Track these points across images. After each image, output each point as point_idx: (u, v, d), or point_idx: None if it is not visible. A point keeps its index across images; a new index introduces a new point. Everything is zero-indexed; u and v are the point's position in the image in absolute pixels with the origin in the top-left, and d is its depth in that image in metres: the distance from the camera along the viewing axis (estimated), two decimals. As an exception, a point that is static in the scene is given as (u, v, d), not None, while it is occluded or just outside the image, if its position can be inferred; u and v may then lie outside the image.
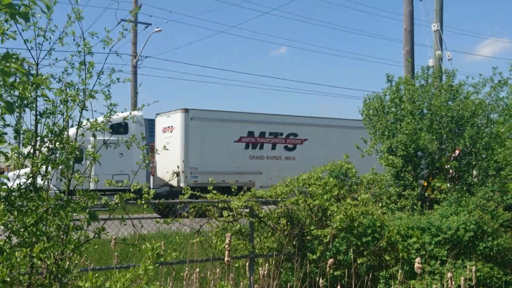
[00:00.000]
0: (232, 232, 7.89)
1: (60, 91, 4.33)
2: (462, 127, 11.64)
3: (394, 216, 9.37)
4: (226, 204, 8.10)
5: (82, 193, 4.27)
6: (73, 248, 4.12)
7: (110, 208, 4.56)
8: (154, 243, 3.93)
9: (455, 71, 12.38)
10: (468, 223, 8.34)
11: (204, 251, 8.20)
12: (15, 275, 3.51)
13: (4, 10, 2.55)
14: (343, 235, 7.95)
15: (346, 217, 7.82)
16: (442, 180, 11.18)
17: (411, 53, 16.27)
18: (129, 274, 3.50)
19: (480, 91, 12.28)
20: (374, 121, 12.18)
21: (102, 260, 9.90)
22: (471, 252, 8.29)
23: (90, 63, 4.46)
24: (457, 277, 7.54)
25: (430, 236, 8.30)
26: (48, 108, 4.28)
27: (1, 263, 3.36)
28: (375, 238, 8.07)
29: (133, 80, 32.59)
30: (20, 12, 2.65)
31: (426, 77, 12.67)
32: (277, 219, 8.20)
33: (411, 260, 7.78)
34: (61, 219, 3.98)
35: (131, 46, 33.65)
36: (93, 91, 4.48)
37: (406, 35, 16.42)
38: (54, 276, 4.04)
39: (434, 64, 15.71)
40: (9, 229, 3.57)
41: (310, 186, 8.27)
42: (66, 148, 4.24)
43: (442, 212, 9.09)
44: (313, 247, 7.94)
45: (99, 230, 4.31)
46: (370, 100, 12.57)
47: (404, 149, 11.31)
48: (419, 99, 11.94)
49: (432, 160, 11.68)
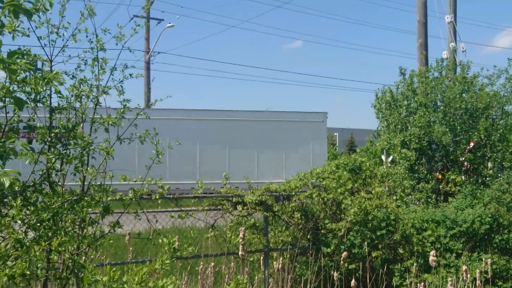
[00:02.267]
0: (246, 226, 7.91)
1: (73, 87, 4.37)
2: (476, 119, 11.56)
3: (408, 209, 9.34)
4: (240, 199, 8.11)
5: (97, 188, 4.31)
6: (89, 243, 4.16)
7: (125, 203, 4.59)
8: (171, 238, 3.95)
9: (470, 63, 12.29)
10: (484, 215, 8.28)
11: (219, 245, 8.23)
12: (33, 269, 3.55)
13: (7, 8, 2.58)
14: (357, 229, 7.93)
15: (360, 210, 7.80)
16: (456, 172, 11.12)
17: (425, 45, 16.14)
18: (146, 268, 3.52)
19: (495, 83, 12.19)
20: (386, 115, 12.13)
21: (117, 255, 9.98)
22: (487, 245, 8.23)
23: (103, 59, 4.49)
24: (472, 270, 7.49)
25: (445, 229, 8.26)
26: (61, 104, 4.32)
27: (20, 257, 3.41)
28: (390, 231, 8.05)
29: (146, 76, 32.72)
30: (24, 9, 2.68)
31: (441, 69, 12.59)
32: (291, 213, 8.20)
33: (426, 253, 7.75)
34: (76, 214, 4.02)
35: (144, 42, 33.78)
36: (106, 87, 4.52)
37: (420, 27, 16.28)
38: (71, 271, 4.08)
39: (448, 56, 15.58)
40: (25, 224, 3.61)
41: (324, 180, 8.26)
42: (79, 143, 4.27)
43: (457, 205, 9.04)
44: (327, 240, 7.93)
45: (114, 224, 4.34)
46: (381, 93, 12.52)
47: (417, 142, 11.26)
48: (432, 92, 11.86)
49: (446, 152, 11.61)
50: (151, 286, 3.23)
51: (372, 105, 12.72)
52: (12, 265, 3.34)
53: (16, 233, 3.46)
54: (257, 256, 8.29)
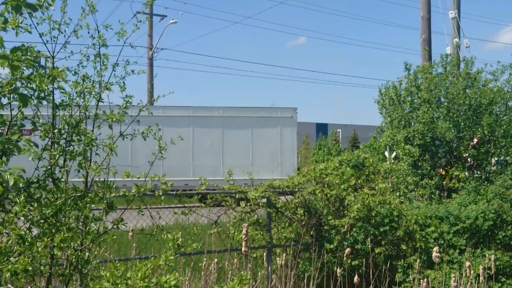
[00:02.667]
0: (249, 222, 7.91)
1: (76, 84, 4.37)
2: (480, 115, 11.52)
3: (412, 206, 9.33)
4: (243, 195, 8.11)
5: (100, 184, 4.31)
6: (92, 239, 4.16)
7: (128, 199, 4.60)
8: (175, 234, 3.95)
9: (474, 59, 12.25)
10: (487, 212, 8.27)
11: (222, 241, 8.24)
12: (36, 265, 3.56)
13: (10, 3, 2.58)
14: (360, 225, 7.93)
15: (364, 206, 7.80)
16: (460, 168, 11.10)
17: (428, 41, 16.11)
18: (149, 264, 3.53)
19: (499, 79, 12.15)
20: (390, 111, 12.11)
21: (121, 251, 10.00)
22: (490, 241, 8.22)
23: (104, 55, 4.48)
24: (475, 266, 7.49)
25: (448, 225, 8.25)
26: (64, 100, 4.32)
27: (23, 253, 3.42)
28: (393, 227, 8.04)
29: (149, 72, 32.72)
30: (27, 3, 2.68)
31: (445, 65, 12.56)
32: (294, 209, 8.20)
33: (429, 250, 7.75)
34: (79, 210, 4.03)
35: (147, 38, 33.78)
36: (108, 83, 4.51)
37: (423, 23, 16.25)
38: (74, 267, 4.09)
39: (451, 52, 15.54)
40: (29, 220, 3.62)
41: (327, 176, 8.25)
42: (83, 139, 4.28)
43: (461, 201, 9.02)
44: (330, 237, 7.93)
45: (118, 221, 4.34)
46: (385, 89, 12.50)
47: (421, 138, 11.24)
48: (436, 87, 11.84)
49: (450, 148, 11.59)
50: (154, 282, 3.24)
51: (375, 101, 12.71)
52: (15, 261, 3.35)
53: (18, 229, 3.47)
54: (260, 253, 8.30)
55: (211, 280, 7.49)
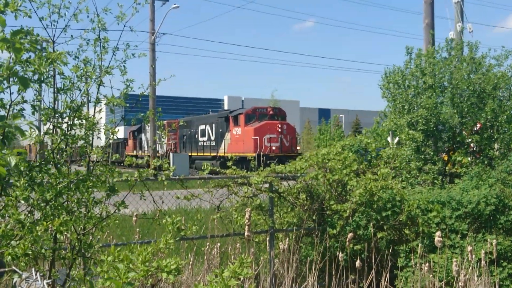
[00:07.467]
0: (252, 207, 7.92)
1: (77, 68, 4.35)
2: (483, 100, 11.47)
3: (414, 190, 9.32)
4: (246, 180, 8.12)
5: (103, 168, 4.31)
6: (95, 223, 4.18)
7: (130, 183, 4.61)
8: (175, 218, 3.96)
9: (478, 43, 12.16)
10: (489, 196, 8.26)
11: (225, 226, 8.26)
12: (38, 249, 3.58)
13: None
14: (362, 210, 7.94)
15: (366, 191, 7.80)
16: (463, 154, 11.08)
17: (431, 25, 15.99)
18: (150, 248, 3.54)
19: (503, 64, 12.07)
20: (395, 94, 12.06)
21: (124, 236, 10.05)
22: (492, 226, 8.22)
23: (105, 38, 4.46)
24: (477, 250, 7.50)
25: (450, 210, 8.25)
26: (66, 84, 4.31)
27: (23, 237, 3.43)
28: (395, 212, 8.04)
29: (152, 57, 32.60)
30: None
31: (449, 49, 12.47)
32: (296, 194, 8.21)
33: (431, 234, 7.76)
34: (81, 193, 4.03)
35: (149, 23, 33.58)
36: (109, 67, 4.49)
37: (426, 7, 16.12)
38: (77, 251, 4.11)
39: (455, 37, 15.43)
40: (30, 204, 3.63)
41: (329, 161, 8.24)
42: (84, 124, 4.27)
43: (463, 186, 9.01)
44: (333, 221, 7.94)
45: (120, 204, 4.35)
46: (390, 73, 12.43)
47: (424, 123, 11.20)
48: (440, 72, 11.77)
49: (453, 134, 11.56)
50: (155, 265, 3.25)
51: (379, 85, 12.63)
52: (16, 245, 3.37)
53: (17, 213, 3.47)
54: (262, 237, 8.32)
55: (214, 264, 7.54)
